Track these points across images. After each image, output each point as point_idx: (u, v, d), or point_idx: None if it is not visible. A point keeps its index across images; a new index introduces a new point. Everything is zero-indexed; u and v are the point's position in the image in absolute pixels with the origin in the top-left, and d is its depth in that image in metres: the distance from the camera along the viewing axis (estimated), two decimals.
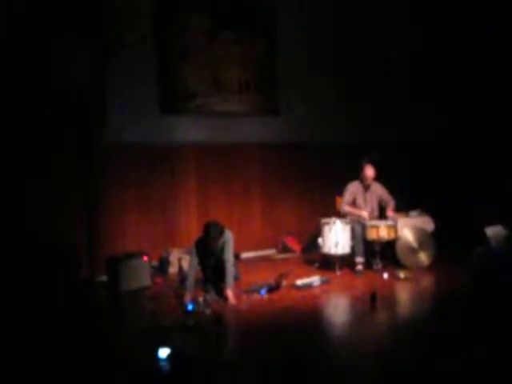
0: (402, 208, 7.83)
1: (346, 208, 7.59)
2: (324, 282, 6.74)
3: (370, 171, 7.55)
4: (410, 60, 9.60)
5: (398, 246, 7.40)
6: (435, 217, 7.87)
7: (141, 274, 6.75)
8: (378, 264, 7.30)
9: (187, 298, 5.88)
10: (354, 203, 7.65)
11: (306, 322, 5.48)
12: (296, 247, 8.77)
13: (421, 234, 7.47)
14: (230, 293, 5.98)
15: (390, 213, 7.54)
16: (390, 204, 7.64)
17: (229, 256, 6.10)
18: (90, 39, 7.09)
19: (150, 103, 7.78)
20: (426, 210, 7.96)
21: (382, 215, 7.70)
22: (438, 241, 7.53)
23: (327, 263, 7.47)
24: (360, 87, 9.44)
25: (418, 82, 9.57)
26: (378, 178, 7.67)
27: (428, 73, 9.53)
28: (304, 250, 8.72)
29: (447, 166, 9.30)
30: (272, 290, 6.38)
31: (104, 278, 6.95)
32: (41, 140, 6.82)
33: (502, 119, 8.78)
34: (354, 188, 7.65)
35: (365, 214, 7.47)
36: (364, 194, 7.65)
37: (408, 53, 9.59)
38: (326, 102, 9.16)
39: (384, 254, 7.39)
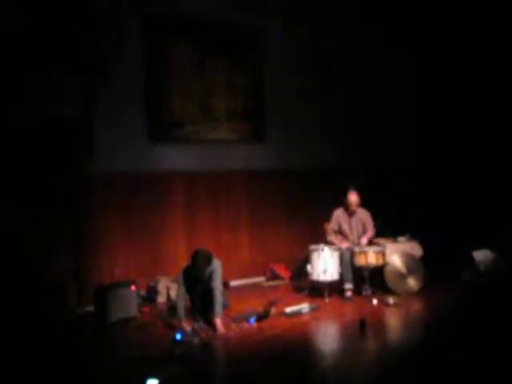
0: (390, 234, 7.86)
1: (330, 238, 7.64)
2: (313, 309, 6.72)
3: (353, 197, 7.56)
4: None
5: (387, 272, 7.40)
6: (423, 242, 7.90)
7: (128, 304, 6.67)
8: (366, 290, 7.28)
9: (184, 324, 5.93)
10: (339, 230, 7.66)
11: (296, 349, 5.44)
12: (285, 274, 8.73)
13: (409, 259, 7.47)
14: (218, 321, 5.94)
15: (363, 239, 7.51)
16: (368, 232, 7.62)
17: (217, 284, 6.07)
18: (79, 67, 7.12)
19: (138, 131, 7.79)
20: (414, 235, 8.00)
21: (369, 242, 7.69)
22: (427, 266, 7.54)
23: (316, 290, 7.45)
24: (347, 114, 9.54)
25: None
26: (364, 204, 7.68)
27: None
28: (293, 277, 8.69)
29: (434, 191, 9.38)
30: (261, 318, 6.34)
31: (91, 308, 6.87)
32: (27, 168, 6.81)
33: (486, 140, 8.89)
34: (338, 215, 7.66)
35: (343, 246, 7.45)
36: (349, 221, 7.65)
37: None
38: (313, 128, 9.24)
39: (373, 280, 7.38)
